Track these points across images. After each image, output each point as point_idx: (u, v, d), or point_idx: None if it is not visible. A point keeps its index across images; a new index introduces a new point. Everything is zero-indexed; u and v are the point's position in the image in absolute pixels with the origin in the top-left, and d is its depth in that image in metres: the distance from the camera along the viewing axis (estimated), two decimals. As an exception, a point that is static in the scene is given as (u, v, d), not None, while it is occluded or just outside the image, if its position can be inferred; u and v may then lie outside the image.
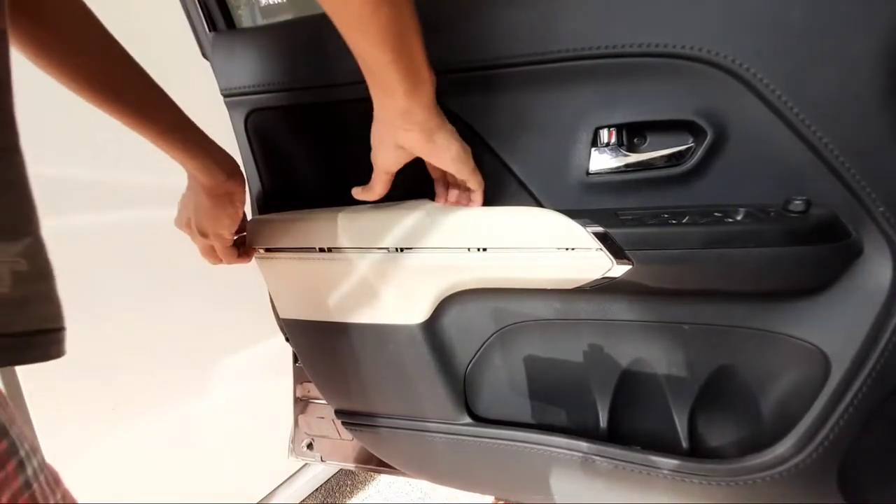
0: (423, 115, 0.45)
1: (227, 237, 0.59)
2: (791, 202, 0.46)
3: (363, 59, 0.41)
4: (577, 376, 0.63)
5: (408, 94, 0.42)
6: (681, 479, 0.56)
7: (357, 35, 0.39)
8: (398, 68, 0.40)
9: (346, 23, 0.38)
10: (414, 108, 0.44)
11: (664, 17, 0.45)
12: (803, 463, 0.52)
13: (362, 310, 0.62)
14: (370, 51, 0.40)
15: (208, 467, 1.16)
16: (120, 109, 0.48)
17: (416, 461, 0.76)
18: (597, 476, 0.61)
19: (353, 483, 1.43)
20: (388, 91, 0.43)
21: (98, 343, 0.90)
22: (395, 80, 0.41)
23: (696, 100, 0.48)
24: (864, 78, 0.42)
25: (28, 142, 0.30)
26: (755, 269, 0.48)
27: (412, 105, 0.43)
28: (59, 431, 0.88)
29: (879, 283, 0.47)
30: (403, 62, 0.40)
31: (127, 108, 0.48)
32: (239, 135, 0.64)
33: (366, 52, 0.40)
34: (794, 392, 0.54)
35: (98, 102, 0.47)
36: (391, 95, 0.43)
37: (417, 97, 0.43)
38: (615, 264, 0.49)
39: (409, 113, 0.44)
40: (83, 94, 0.46)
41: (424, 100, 0.44)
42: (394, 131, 0.46)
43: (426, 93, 0.44)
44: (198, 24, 0.63)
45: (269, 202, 0.67)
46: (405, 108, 0.43)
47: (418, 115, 0.44)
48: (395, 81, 0.41)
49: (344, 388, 0.73)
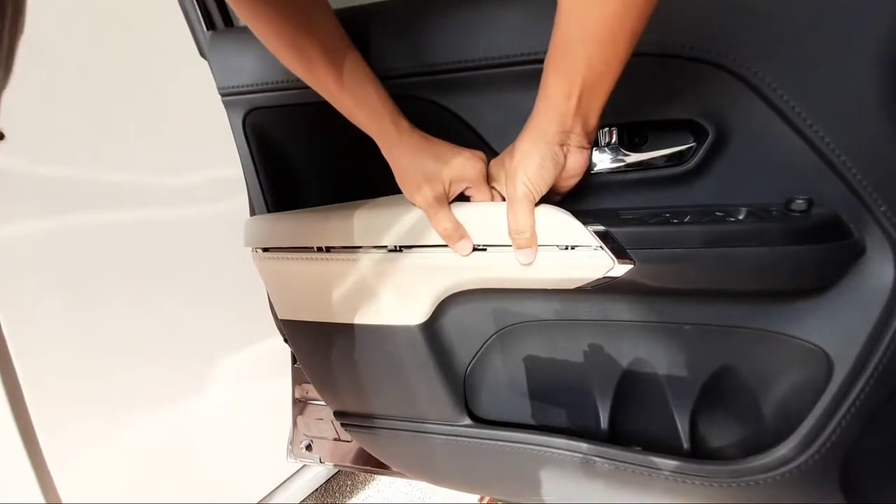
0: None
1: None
2: (793, 201, 0.46)
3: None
4: (578, 377, 0.63)
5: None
6: (682, 480, 0.56)
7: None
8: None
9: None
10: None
11: (664, 17, 0.45)
12: (805, 464, 0.52)
13: (361, 310, 0.62)
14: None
15: (208, 467, 1.16)
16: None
17: (415, 462, 0.76)
18: (597, 477, 0.61)
19: (353, 483, 1.43)
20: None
21: (98, 343, 0.90)
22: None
23: (697, 99, 0.47)
24: (865, 77, 0.42)
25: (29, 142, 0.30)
26: (757, 269, 0.48)
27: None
28: (59, 431, 0.88)
29: (882, 282, 0.47)
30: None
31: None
32: (237, 134, 0.64)
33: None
34: (795, 393, 0.54)
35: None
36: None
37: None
38: (616, 263, 0.49)
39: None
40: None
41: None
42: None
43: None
44: (195, 23, 0.63)
45: (268, 201, 0.67)
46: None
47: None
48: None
49: (343, 390, 0.73)
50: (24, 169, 0.79)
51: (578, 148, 0.45)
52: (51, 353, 0.85)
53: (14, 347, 0.82)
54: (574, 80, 0.40)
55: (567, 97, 0.41)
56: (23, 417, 0.83)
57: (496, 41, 0.50)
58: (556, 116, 0.43)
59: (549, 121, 0.43)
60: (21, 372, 0.82)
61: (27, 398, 0.83)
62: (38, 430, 0.85)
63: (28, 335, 0.82)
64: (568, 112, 0.42)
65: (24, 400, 0.83)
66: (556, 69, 0.41)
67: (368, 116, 0.50)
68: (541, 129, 0.44)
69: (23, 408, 0.83)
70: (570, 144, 0.45)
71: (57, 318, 0.81)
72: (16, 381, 0.82)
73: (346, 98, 0.49)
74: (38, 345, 0.83)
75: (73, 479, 0.89)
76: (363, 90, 0.49)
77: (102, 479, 0.96)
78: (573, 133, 0.44)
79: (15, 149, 0.78)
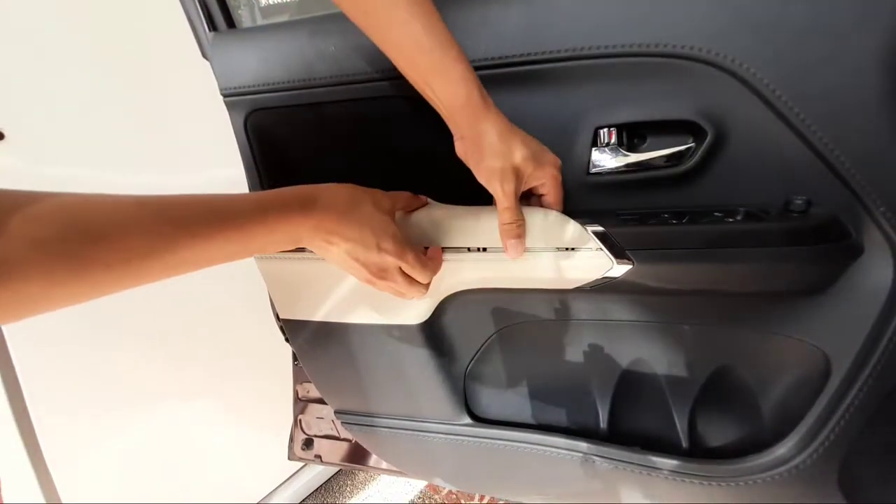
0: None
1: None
2: (791, 202, 0.46)
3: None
4: (577, 376, 0.63)
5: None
6: (681, 479, 0.56)
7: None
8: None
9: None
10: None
11: (664, 16, 0.45)
12: (804, 463, 0.52)
13: (362, 310, 0.62)
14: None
15: (208, 467, 1.16)
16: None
17: (415, 461, 0.76)
18: (597, 476, 0.61)
19: (353, 483, 1.43)
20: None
21: (98, 343, 0.90)
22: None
23: (696, 100, 0.47)
24: (864, 77, 0.42)
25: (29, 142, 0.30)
26: (755, 269, 0.48)
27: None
28: (59, 431, 0.88)
29: (880, 282, 0.47)
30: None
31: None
32: (238, 134, 0.64)
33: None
34: (794, 392, 0.54)
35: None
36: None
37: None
38: (615, 264, 0.49)
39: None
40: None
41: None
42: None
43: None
44: (198, 24, 0.63)
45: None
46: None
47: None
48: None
49: (344, 389, 0.73)
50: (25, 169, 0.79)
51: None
52: (51, 353, 0.85)
53: (14, 347, 0.82)
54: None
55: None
56: (23, 417, 0.83)
57: (496, 41, 0.50)
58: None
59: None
60: (21, 372, 0.82)
61: (27, 398, 0.83)
62: (38, 430, 0.85)
63: (28, 335, 0.82)
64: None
65: (24, 400, 0.83)
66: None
67: (455, 84, 0.44)
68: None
69: (23, 408, 0.83)
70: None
71: (57, 318, 0.81)
72: (16, 381, 0.82)
73: (423, 48, 0.43)
74: (38, 345, 0.83)
75: (73, 479, 0.89)
76: (447, 55, 0.43)
77: (102, 479, 0.96)
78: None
79: (15, 149, 0.78)
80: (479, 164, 0.47)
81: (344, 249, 0.45)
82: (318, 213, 0.43)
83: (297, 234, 0.43)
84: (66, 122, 0.83)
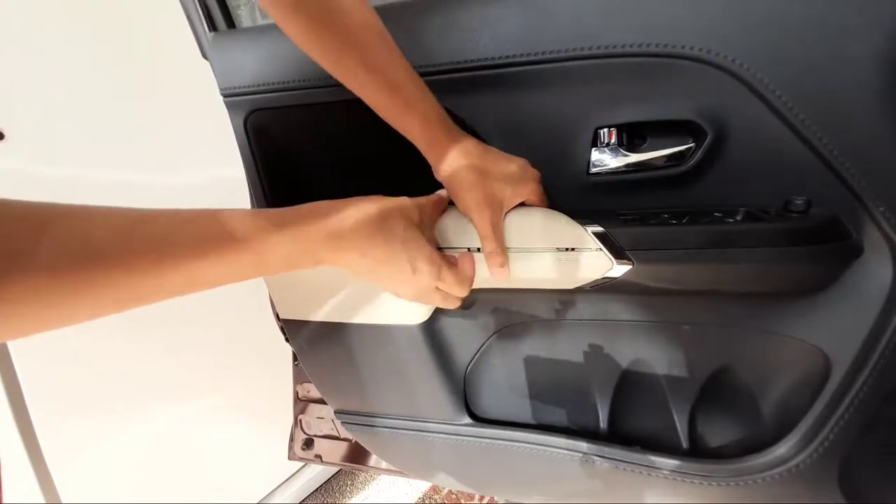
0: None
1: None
2: (791, 202, 0.46)
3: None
4: (578, 376, 0.63)
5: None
6: (681, 479, 0.56)
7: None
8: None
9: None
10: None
11: (663, 17, 0.45)
12: (804, 463, 0.52)
13: (362, 310, 0.62)
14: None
15: (208, 467, 1.16)
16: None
17: (415, 461, 0.76)
18: (597, 476, 0.61)
19: (353, 483, 1.43)
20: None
21: (98, 343, 0.90)
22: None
23: (696, 100, 0.48)
24: (864, 78, 0.42)
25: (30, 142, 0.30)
26: (755, 269, 0.48)
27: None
28: (59, 431, 0.88)
29: (880, 283, 0.47)
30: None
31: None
32: (238, 135, 0.64)
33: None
34: (794, 392, 0.54)
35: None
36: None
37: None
38: (615, 264, 0.49)
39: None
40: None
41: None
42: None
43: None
44: (197, 24, 0.63)
45: (269, 202, 0.67)
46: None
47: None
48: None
49: (344, 389, 0.73)
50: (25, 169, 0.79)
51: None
52: (51, 353, 0.85)
53: (14, 348, 0.82)
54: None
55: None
56: (23, 417, 0.83)
57: (496, 42, 0.50)
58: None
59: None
60: (21, 372, 0.82)
61: (27, 398, 0.83)
62: (38, 430, 0.85)
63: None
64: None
65: (24, 400, 0.83)
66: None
67: (415, 121, 0.45)
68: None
69: (23, 408, 0.83)
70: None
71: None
72: (16, 380, 0.82)
73: (383, 97, 0.44)
74: (38, 345, 0.83)
75: (73, 479, 0.89)
76: (406, 90, 0.44)
77: (102, 479, 0.96)
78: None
79: (15, 149, 0.78)
80: (456, 197, 0.48)
81: (373, 270, 0.43)
82: (347, 235, 0.40)
83: (319, 255, 0.40)
84: (66, 122, 0.83)
